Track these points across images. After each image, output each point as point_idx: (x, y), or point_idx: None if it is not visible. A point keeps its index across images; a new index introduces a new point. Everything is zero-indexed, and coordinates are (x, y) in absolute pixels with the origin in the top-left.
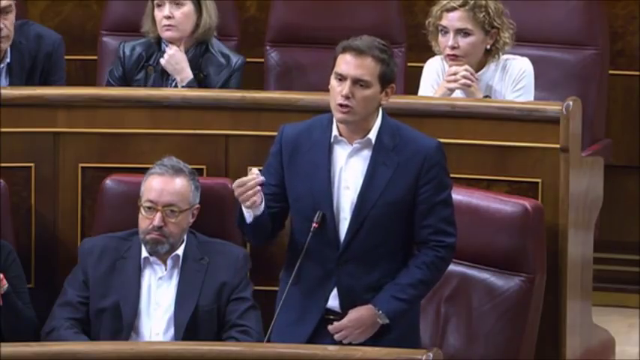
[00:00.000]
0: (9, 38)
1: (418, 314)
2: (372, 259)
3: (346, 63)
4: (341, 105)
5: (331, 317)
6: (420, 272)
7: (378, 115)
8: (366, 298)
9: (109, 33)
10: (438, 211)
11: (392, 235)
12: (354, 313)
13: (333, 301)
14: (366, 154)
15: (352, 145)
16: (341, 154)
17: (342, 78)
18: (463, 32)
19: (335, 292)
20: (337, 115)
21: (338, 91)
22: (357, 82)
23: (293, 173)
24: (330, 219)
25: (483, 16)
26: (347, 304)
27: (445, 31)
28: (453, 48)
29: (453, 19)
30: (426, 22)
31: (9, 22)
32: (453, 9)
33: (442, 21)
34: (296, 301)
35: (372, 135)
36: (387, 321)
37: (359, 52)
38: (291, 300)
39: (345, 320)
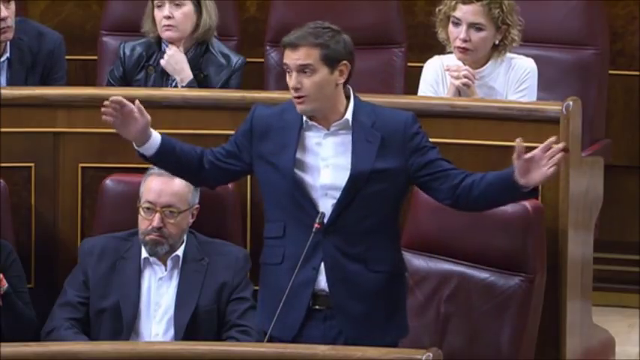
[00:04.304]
0: (12, 29)
1: (405, 294)
2: (360, 232)
3: (287, 56)
4: (294, 97)
5: (318, 307)
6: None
7: (350, 98)
8: (351, 269)
9: (109, 33)
10: (444, 163)
11: (381, 208)
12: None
13: (321, 279)
14: (345, 133)
15: (329, 129)
16: (314, 135)
17: (289, 70)
18: (476, 26)
19: (322, 267)
20: (296, 107)
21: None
22: (301, 70)
23: (262, 154)
24: (302, 196)
25: (498, 12)
26: (333, 277)
27: (457, 23)
28: (464, 41)
29: (468, 12)
30: (437, 10)
31: (11, 11)
32: (470, 2)
33: (456, 12)
34: (281, 283)
35: (349, 115)
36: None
37: (293, 45)
38: (275, 282)
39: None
